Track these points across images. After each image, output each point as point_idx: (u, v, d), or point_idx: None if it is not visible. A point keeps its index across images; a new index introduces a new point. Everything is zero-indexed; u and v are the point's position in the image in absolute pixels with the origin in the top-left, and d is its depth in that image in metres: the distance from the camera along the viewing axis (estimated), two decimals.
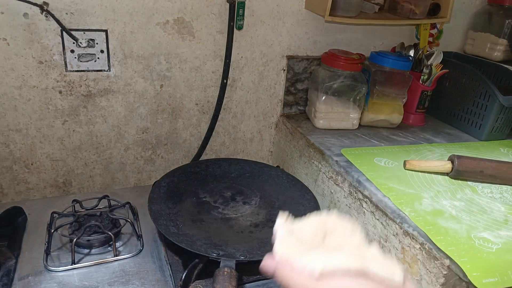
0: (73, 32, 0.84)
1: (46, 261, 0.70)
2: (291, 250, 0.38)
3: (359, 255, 0.35)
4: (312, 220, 0.41)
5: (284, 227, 0.41)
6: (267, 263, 0.38)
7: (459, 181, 0.81)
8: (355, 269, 0.33)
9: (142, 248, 0.76)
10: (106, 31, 0.87)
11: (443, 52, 1.08)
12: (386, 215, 0.71)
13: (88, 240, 0.74)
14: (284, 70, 1.08)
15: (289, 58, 1.07)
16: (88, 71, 0.89)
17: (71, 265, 0.70)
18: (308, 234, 0.39)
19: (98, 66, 0.89)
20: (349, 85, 1.01)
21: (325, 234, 0.39)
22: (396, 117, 1.07)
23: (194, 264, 0.66)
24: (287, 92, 1.11)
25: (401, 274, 0.33)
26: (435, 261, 0.61)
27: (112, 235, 0.73)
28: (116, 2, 0.86)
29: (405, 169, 0.83)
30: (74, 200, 0.83)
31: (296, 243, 0.38)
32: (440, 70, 1.07)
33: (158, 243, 0.77)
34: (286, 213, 0.42)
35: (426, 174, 0.83)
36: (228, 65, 0.98)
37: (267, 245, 0.70)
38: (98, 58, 0.89)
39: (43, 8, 0.80)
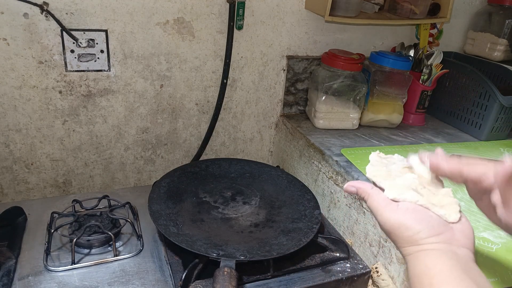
0: (73, 32, 0.84)
1: (46, 261, 0.70)
2: (378, 174, 0.47)
3: (428, 191, 0.44)
4: (400, 157, 0.51)
5: (376, 155, 0.50)
6: (352, 183, 0.48)
7: None
8: (420, 203, 0.43)
9: (142, 248, 0.76)
10: (106, 31, 0.87)
11: (443, 52, 1.08)
12: None
13: (88, 240, 0.74)
14: (284, 70, 1.08)
15: (289, 58, 1.07)
16: (88, 71, 0.89)
17: (71, 265, 0.70)
18: (396, 163, 0.49)
19: (98, 66, 0.90)
20: (349, 85, 1.01)
21: (411, 167, 0.48)
22: (396, 117, 1.07)
23: (194, 264, 0.66)
24: (287, 92, 1.11)
25: (456, 217, 0.42)
26: None
27: (112, 235, 0.73)
28: (116, 2, 0.86)
29: None
30: (74, 200, 0.83)
31: (383, 168, 0.48)
32: (440, 70, 1.07)
33: (158, 243, 0.77)
34: (378, 151, 0.51)
35: None
36: (228, 65, 0.98)
37: (267, 245, 0.70)
38: (98, 58, 0.89)
39: (43, 8, 0.80)
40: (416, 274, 0.40)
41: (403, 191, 0.44)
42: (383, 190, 0.45)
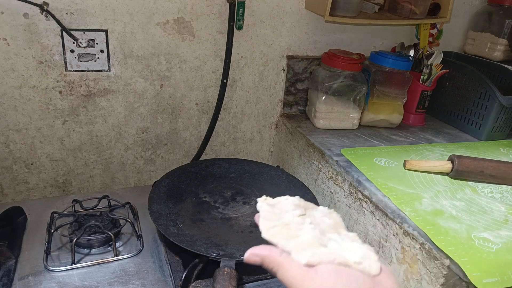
0: (73, 32, 0.84)
1: (46, 261, 0.70)
2: (277, 232, 0.40)
3: (335, 242, 0.38)
4: (288, 200, 0.45)
5: (265, 205, 0.44)
6: (255, 251, 0.39)
7: (459, 181, 0.81)
8: (338, 261, 0.36)
9: (142, 248, 0.76)
10: (106, 31, 0.87)
11: (443, 52, 1.08)
12: (386, 215, 0.71)
13: (88, 240, 0.74)
14: (284, 70, 1.08)
15: (289, 58, 1.07)
16: (88, 71, 0.89)
17: (71, 265, 0.70)
18: (289, 211, 0.42)
19: (98, 66, 0.90)
20: (349, 85, 1.01)
21: (304, 212, 0.42)
22: (396, 117, 1.07)
23: (194, 264, 0.66)
24: (287, 92, 1.11)
25: (377, 266, 0.36)
26: (435, 261, 0.61)
27: (112, 235, 0.73)
28: (116, 2, 0.86)
29: (405, 169, 0.83)
30: (74, 200, 0.83)
31: (279, 223, 0.41)
32: (440, 70, 1.07)
33: (158, 243, 0.77)
34: (264, 196, 0.45)
35: (426, 174, 0.83)
36: (228, 65, 0.98)
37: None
38: (98, 58, 0.89)
39: (43, 8, 0.80)
40: None
41: (314, 251, 0.37)
42: (288, 252, 0.38)
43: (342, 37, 1.11)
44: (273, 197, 0.49)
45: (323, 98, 1.02)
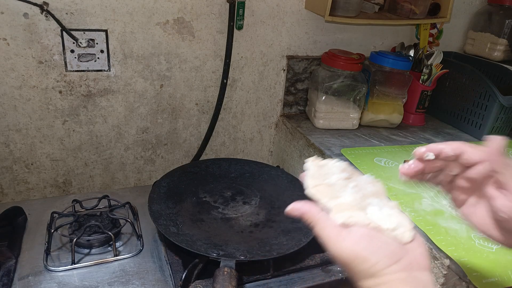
0: (73, 32, 0.84)
1: (46, 261, 0.70)
2: (320, 191, 0.42)
3: (375, 207, 0.40)
4: (336, 164, 0.46)
5: (314, 164, 0.45)
6: (297, 206, 0.42)
7: None
8: (372, 226, 0.38)
9: (142, 248, 0.76)
10: (106, 31, 0.87)
11: (443, 52, 1.08)
12: None
13: (88, 240, 0.74)
14: (284, 70, 1.08)
15: (289, 58, 1.07)
16: (88, 71, 0.89)
17: (71, 265, 0.70)
18: (335, 172, 0.44)
19: (98, 66, 0.90)
20: (349, 85, 1.01)
21: (350, 176, 0.44)
22: (396, 117, 1.07)
23: (194, 264, 0.66)
24: (287, 92, 1.11)
25: (410, 235, 0.38)
26: (435, 261, 0.61)
27: (112, 235, 0.73)
28: (116, 2, 0.86)
29: None
30: (74, 200, 0.83)
31: (324, 183, 0.43)
32: (440, 70, 1.07)
33: (158, 243, 0.77)
34: (315, 156, 0.47)
35: None
36: (228, 65, 0.98)
37: (267, 245, 0.70)
38: (98, 58, 0.89)
39: (43, 8, 0.80)
40: None
41: (351, 214, 0.39)
42: (327, 211, 0.40)
43: (342, 37, 1.11)
44: (274, 195, 0.50)
45: (323, 98, 1.02)
